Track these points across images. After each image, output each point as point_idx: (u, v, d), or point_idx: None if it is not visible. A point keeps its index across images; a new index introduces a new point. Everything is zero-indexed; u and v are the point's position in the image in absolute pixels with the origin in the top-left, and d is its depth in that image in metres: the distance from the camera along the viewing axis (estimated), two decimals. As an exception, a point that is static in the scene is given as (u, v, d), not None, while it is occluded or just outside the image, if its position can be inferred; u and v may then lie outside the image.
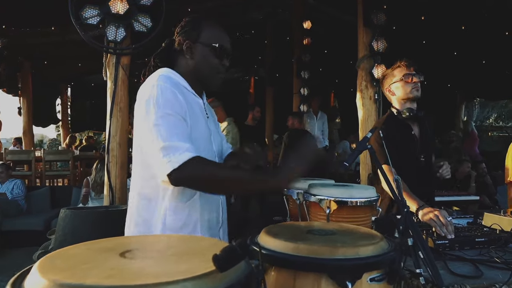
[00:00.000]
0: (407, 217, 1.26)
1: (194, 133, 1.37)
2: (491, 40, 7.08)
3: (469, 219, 2.03)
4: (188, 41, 1.45)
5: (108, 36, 3.58)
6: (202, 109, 1.48)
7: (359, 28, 4.15)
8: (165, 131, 1.26)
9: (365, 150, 1.46)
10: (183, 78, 1.44)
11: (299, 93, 7.00)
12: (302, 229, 0.88)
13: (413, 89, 2.18)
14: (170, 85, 1.33)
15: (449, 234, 1.56)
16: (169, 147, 1.25)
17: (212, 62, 1.43)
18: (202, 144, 1.41)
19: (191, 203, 1.39)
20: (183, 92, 1.39)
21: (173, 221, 1.36)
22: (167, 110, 1.29)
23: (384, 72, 2.31)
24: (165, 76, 1.38)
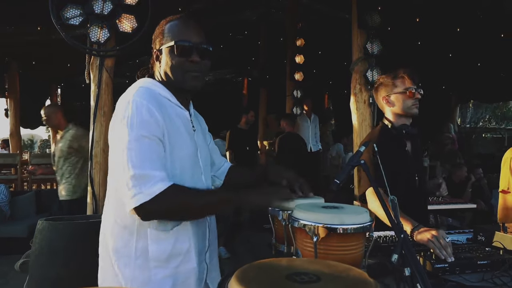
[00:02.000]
0: (404, 243, 1.13)
1: (178, 152, 1.25)
2: (486, 42, 7.00)
3: (468, 234, 1.91)
4: (155, 50, 1.34)
5: (91, 37, 3.42)
6: (187, 122, 1.35)
7: (353, 30, 4.03)
8: (137, 157, 1.14)
9: (358, 165, 1.34)
10: (165, 88, 1.32)
11: (292, 95, 6.87)
12: (281, 272, 0.74)
13: (413, 105, 2.03)
14: (147, 101, 1.20)
15: (449, 257, 1.43)
16: (141, 176, 1.13)
17: (174, 62, 1.28)
18: (187, 162, 1.29)
19: (178, 231, 1.25)
20: (165, 106, 1.27)
21: (156, 252, 1.22)
22: (141, 132, 1.16)
23: (381, 78, 2.13)
24: (144, 89, 1.26)
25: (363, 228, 1.04)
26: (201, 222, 1.33)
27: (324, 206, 1.16)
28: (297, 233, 1.12)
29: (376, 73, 3.90)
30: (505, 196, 2.77)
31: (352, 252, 1.05)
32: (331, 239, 1.02)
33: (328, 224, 1.02)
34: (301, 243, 1.10)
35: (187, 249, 1.26)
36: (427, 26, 6.68)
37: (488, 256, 1.48)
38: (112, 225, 1.28)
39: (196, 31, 1.32)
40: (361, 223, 1.05)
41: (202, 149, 1.38)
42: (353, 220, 1.04)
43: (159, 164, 1.17)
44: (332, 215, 1.05)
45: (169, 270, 1.23)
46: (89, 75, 3.62)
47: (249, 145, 5.42)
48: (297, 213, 1.12)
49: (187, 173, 1.27)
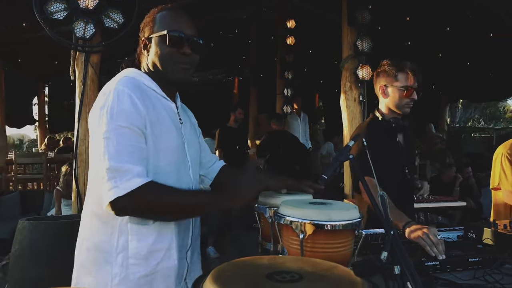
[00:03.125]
0: (394, 240, 1.09)
1: (162, 144, 1.19)
2: (475, 42, 7.04)
3: (459, 232, 1.88)
4: (144, 39, 1.29)
5: (76, 32, 3.33)
6: (173, 115, 1.29)
7: (344, 27, 4.00)
8: (114, 148, 1.09)
9: (347, 160, 1.29)
10: (151, 79, 1.27)
11: (283, 94, 6.84)
12: (261, 270, 0.69)
13: (407, 105, 1.98)
14: (130, 90, 1.15)
15: (440, 254, 1.39)
16: (117, 169, 1.08)
17: (164, 52, 1.24)
18: (173, 156, 1.23)
19: (160, 227, 1.20)
20: (149, 96, 1.21)
21: (136, 248, 1.17)
22: (121, 122, 1.11)
23: (386, 65, 2.01)
24: (128, 78, 1.21)
25: (351, 224, 1.00)
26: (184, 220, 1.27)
27: (311, 202, 1.12)
28: (283, 230, 1.07)
29: (366, 71, 3.88)
30: (496, 193, 2.76)
31: (340, 250, 1.00)
32: (319, 236, 0.98)
33: (315, 221, 0.97)
34: (287, 241, 1.05)
35: (168, 245, 1.21)
36: (417, 25, 6.69)
37: (479, 253, 1.45)
38: (92, 219, 1.22)
39: (189, 23, 1.28)
40: (350, 220, 1.00)
41: (190, 143, 1.34)
42: (341, 216, 0.99)
43: (137, 158, 1.11)
44: (320, 211, 1.00)
45: (149, 268, 1.18)
46: (74, 72, 3.54)
47: (239, 144, 5.36)
48: (283, 209, 1.07)
49: (172, 166, 1.21)
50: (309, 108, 9.07)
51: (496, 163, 2.77)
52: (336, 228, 0.98)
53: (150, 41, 1.27)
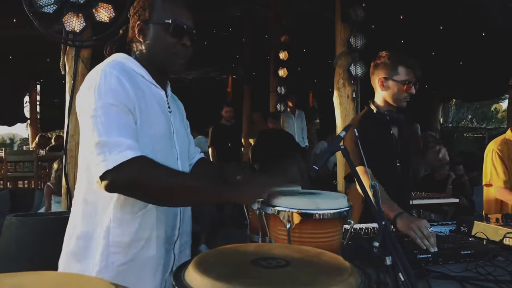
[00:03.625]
0: (385, 230, 1.07)
1: (149, 130, 1.16)
2: (468, 41, 7.06)
3: (451, 226, 1.86)
4: (139, 23, 1.24)
5: (66, 26, 3.28)
6: (162, 102, 1.26)
7: (337, 24, 3.99)
8: (103, 124, 1.06)
9: (338, 151, 1.27)
10: (140, 66, 1.24)
11: (276, 92, 6.81)
12: (246, 256, 0.66)
13: (404, 99, 1.97)
14: (119, 72, 1.13)
15: (431, 247, 1.37)
16: (106, 143, 1.04)
17: (166, 42, 1.21)
18: (160, 144, 1.20)
19: (143, 215, 1.16)
20: (137, 81, 1.18)
21: (118, 236, 1.14)
22: (109, 100, 1.08)
23: (386, 57, 1.97)
24: (116, 62, 1.19)
25: (340, 213, 0.97)
26: (170, 210, 1.24)
27: (299, 192, 1.09)
28: (271, 220, 1.04)
29: (359, 68, 3.86)
30: (488, 189, 2.76)
31: (328, 240, 0.98)
32: (306, 225, 0.95)
33: (302, 210, 0.94)
34: (274, 231, 1.03)
35: (148, 235, 1.18)
36: (410, 24, 6.70)
37: (472, 246, 1.43)
38: (82, 206, 1.19)
39: (190, 14, 1.26)
40: (338, 208, 0.98)
41: (179, 132, 1.31)
42: (329, 205, 0.96)
43: (128, 132, 1.08)
44: (307, 200, 0.97)
45: (129, 256, 1.15)
46: (64, 66, 3.49)
47: (231, 142, 5.32)
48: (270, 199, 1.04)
49: (159, 154, 1.17)
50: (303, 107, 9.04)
51: (487, 160, 2.77)
52: (324, 217, 0.95)
53: (148, 27, 1.23)
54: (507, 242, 1.51)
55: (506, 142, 2.74)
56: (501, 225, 1.64)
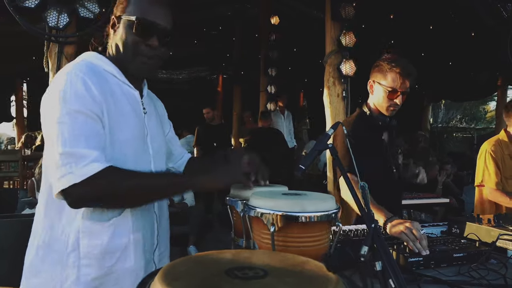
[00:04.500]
0: (375, 234, 1.01)
1: (119, 134, 1.08)
2: (458, 42, 7.09)
3: (443, 227, 1.82)
4: (113, 17, 1.18)
5: (48, 22, 3.18)
6: (135, 103, 1.18)
7: (327, 22, 3.93)
8: (69, 133, 0.99)
9: (325, 149, 1.21)
10: (112, 64, 1.16)
11: (266, 91, 6.75)
12: (221, 266, 0.59)
13: (389, 108, 1.87)
14: (85, 74, 1.05)
15: (423, 250, 1.32)
16: (71, 154, 0.97)
17: (129, 40, 1.13)
18: (131, 147, 1.12)
19: (116, 223, 1.08)
20: (108, 82, 1.11)
21: (89, 247, 1.05)
22: (75, 106, 1.01)
23: (384, 60, 1.87)
24: (85, 62, 1.11)
25: (327, 216, 0.91)
26: (147, 215, 1.16)
27: (285, 193, 1.02)
28: (254, 223, 0.98)
29: (349, 66, 3.82)
30: (481, 189, 2.73)
31: (315, 244, 0.92)
32: (291, 229, 0.89)
33: (287, 212, 0.88)
34: (258, 235, 0.96)
35: (125, 245, 1.09)
36: (400, 24, 6.70)
37: (464, 248, 1.38)
38: (45, 213, 1.11)
39: (165, 12, 1.16)
40: (325, 211, 0.91)
41: (154, 135, 1.22)
42: (316, 207, 0.90)
43: (95, 143, 1.01)
44: (293, 201, 0.91)
45: (103, 270, 1.07)
46: (47, 63, 3.38)
47: (218, 141, 5.25)
48: (254, 201, 0.97)
49: (130, 159, 1.10)
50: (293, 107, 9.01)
51: (480, 160, 2.75)
52: (311, 220, 0.89)
53: (119, 22, 1.16)
54: (500, 244, 1.47)
55: (500, 143, 2.72)
56: (494, 226, 1.60)
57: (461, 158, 8.52)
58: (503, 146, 2.71)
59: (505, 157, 2.68)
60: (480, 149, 2.80)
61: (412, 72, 1.85)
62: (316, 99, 9.44)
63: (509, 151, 2.69)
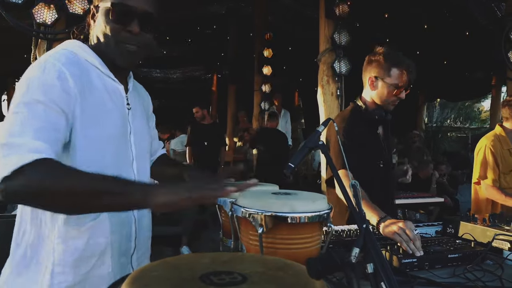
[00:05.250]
0: (366, 234, 0.97)
1: (96, 130, 1.01)
2: (452, 41, 7.09)
3: (438, 227, 1.79)
4: (92, 7, 1.12)
5: (36, 17, 3.10)
6: (119, 98, 1.11)
7: (321, 20, 3.90)
8: (21, 123, 0.90)
9: (316, 147, 1.17)
10: (95, 55, 1.09)
11: (260, 90, 6.71)
12: (196, 271, 0.55)
13: (392, 103, 1.87)
14: (63, 64, 0.98)
15: (417, 251, 1.28)
16: (11, 144, 0.87)
17: (108, 28, 1.06)
18: (111, 145, 1.05)
19: (93, 228, 1.01)
20: (90, 74, 1.04)
21: (63, 254, 0.98)
22: (37, 96, 0.93)
23: (380, 55, 1.84)
24: (66, 51, 1.05)
25: (318, 217, 0.86)
26: (124, 218, 1.09)
27: (274, 192, 0.98)
28: (242, 224, 0.93)
29: (344, 65, 3.78)
30: (477, 187, 2.70)
31: (305, 246, 0.87)
32: (280, 230, 0.84)
33: (276, 212, 0.83)
34: (245, 236, 0.91)
35: (102, 250, 1.03)
36: (395, 23, 6.68)
37: (459, 249, 1.35)
38: (21, 214, 1.04)
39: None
40: (316, 211, 0.87)
41: (137, 132, 1.15)
42: (306, 208, 0.85)
43: (45, 135, 0.91)
44: (282, 201, 0.86)
45: (78, 277, 1.00)
46: (35, 60, 3.31)
47: (209, 141, 5.19)
48: (241, 200, 0.92)
49: (108, 157, 1.03)
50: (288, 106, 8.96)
51: (479, 156, 2.71)
52: (301, 221, 0.84)
53: (97, 11, 1.09)
54: (496, 244, 1.43)
55: (498, 138, 2.70)
56: (489, 226, 1.57)
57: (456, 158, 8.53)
58: (501, 141, 2.69)
59: (504, 152, 2.66)
60: (478, 145, 2.77)
61: (413, 67, 1.85)
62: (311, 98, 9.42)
63: (508, 146, 2.67)
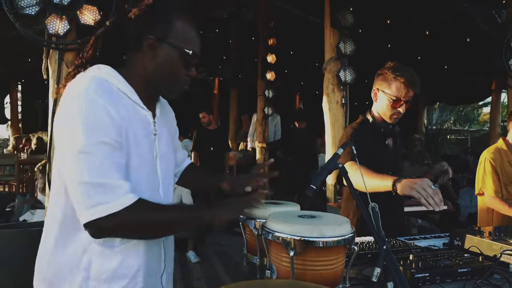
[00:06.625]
0: (386, 255, 1.04)
1: (133, 161, 1.06)
2: (453, 47, 7.17)
3: (445, 239, 1.86)
4: (152, 37, 1.09)
5: (48, 28, 3.17)
6: (148, 125, 1.15)
7: (326, 29, 3.97)
8: (100, 163, 0.97)
9: (336, 169, 1.24)
10: (127, 83, 1.10)
11: (264, 95, 6.79)
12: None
13: (392, 116, 1.92)
14: (102, 97, 1.01)
15: (436, 206, 1.34)
16: (105, 185, 0.96)
17: (178, 71, 1.13)
18: (142, 172, 1.10)
19: (127, 248, 1.08)
20: (122, 104, 1.07)
21: (99, 271, 1.05)
22: (102, 137, 0.98)
23: (388, 69, 1.91)
24: (98, 79, 1.05)
25: (344, 240, 0.94)
26: (154, 240, 1.15)
27: (300, 215, 1.05)
28: (271, 246, 1.00)
29: (349, 73, 3.86)
30: (481, 198, 2.78)
31: (332, 267, 0.94)
32: (309, 253, 0.91)
33: (306, 237, 0.90)
34: (275, 257, 0.98)
35: (135, 272, 1.09)
36: (397, 29, 6.76)
37: (468, 263, 1.42)
38: (57, 229, 1.09)
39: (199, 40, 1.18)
40: (343, 235, 0.94)
41: (163, 156, 1.19)
42: (333, 232, 0.93)
43: (122, 173, 1.01)
44: (311, 226, 0.93)
45: None
46: (47, 70, 3.38)
47: (215, 146, 5.26)
48: (271, 224, 0.99)
49: (142, 185, 1.09)
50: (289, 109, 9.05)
51: (480, 169, 2.79)
52: (328, 245, 0.91)
53: (161, 46, 1.10)
54: (503, 259, 1.50)
55: (499, 151, 2.77)
56: (495, 240, 1.64)
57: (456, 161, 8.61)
58: (502, 154, 2.76)
59: (505, 164, 2.74)
60: (480, 158, 2.85)
61: (416, 82, 1.90)
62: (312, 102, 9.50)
63: (508, 158, 2.75)
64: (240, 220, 1.26)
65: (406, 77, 1.85)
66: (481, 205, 2.81)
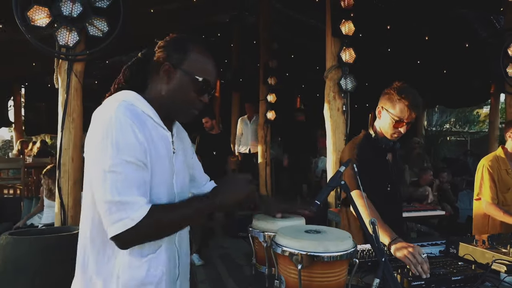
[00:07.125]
0: (385, 267, 1.14)
1: (155, 178, 1.17)
2: (452, 51, 7.28)
3: (441, 246, 1.96)
4: (168, 64, 1.21)
5: (59, 40, 3.28)
6: (168, 144, 1.26)
7: (327, 37, 4.07)
8: (122, 182, 1.07)
9: (338, 186, 1.34)
10: (150, 106, 1.22)
11: (266, 100, 6.89)
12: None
13: (393, 135, 2.02)
14: (131, 119, 1.11)
15: (424, 274, 1.46)
16: (125, 203, 1.07)
17: (189, 96, 1.23)
18: (163, 189, 1.21)
19: (153, 258, 1.19)
20: (147, 126, 1.17)
21: (128, 281, 1.15)
22: (127, 157, 1.09)
23: (393, 89, 1.98)
24: (126, 104, 1.15)
25: (347, 255, 1.04)
26: (170, 248, 1.25)
27: (306, 230, 1.15)
28: (280, 259, 1.11)
29: (349, 81, 3.96)
30: (478, 203, 2.89)
31: (336, 279, 1.05)
32: (315, 266, 1.02)
33: (312, 252, 1.01)
34: (284, 269, 1.09)
35: (159, 279, 1.19)
36: (397, 34, 6.87)
37: (461, 271, 1.52)
38: (90, 245, 1.19)
39: (216, 71, 1.30)
40: (346, 250, 1.05)
41: (179, 173, 1.30)
42: (337, 248, 1.03)
43: (143, 191, 1.11)
44: (317, 242, 1.04)
45: None
46: (57, 80, 3.48)
47: (217, 150, 5.33)
48: (280, 239, 1.10)
49: (163, 200, 1.20)
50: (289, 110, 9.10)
51: (478, 175, 2.90)
52: (332, 259, 1.02)
53: (176, 72, 1.22)
54: (494, 267, 1.60)
55: (497, 159, 2.88)
56: (488, 248, 1.74)
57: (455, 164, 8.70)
58: (500, 162, 2.87)
59: (502, 172, 2.84)
60: (478, 165, 2.96)
61: (419, 104, 1.98)
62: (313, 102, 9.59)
63: (505, 167, 2.86)
64: (250, 232, 1.36)
65: (410, 100, 1.94)
66: (477, 210, 2.92)
